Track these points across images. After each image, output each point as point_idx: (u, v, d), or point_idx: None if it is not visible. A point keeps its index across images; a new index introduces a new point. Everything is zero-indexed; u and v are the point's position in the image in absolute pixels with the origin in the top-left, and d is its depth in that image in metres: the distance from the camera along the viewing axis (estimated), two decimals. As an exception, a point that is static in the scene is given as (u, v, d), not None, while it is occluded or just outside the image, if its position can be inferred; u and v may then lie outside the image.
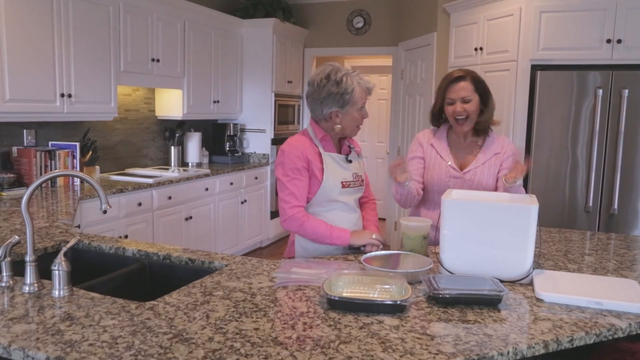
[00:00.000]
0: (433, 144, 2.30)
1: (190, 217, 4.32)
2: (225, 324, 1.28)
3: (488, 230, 1.63)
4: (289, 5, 5.82)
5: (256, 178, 5.34)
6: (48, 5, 3.32)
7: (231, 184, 4.90)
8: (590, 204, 3.58)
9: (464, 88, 2.16)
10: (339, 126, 2.02)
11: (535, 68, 3.68)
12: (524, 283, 1.64)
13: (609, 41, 3.45)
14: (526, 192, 2.20)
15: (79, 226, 3.14)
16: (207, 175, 4.53)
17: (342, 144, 2.13)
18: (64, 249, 1.49)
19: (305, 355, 1.13)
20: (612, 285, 1.58)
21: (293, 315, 1.35)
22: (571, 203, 3.64)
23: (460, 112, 2.17)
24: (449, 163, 2.24)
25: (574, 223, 3.62)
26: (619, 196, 3.52)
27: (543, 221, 3.61)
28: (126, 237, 3.61)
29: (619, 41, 3.43)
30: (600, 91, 3.47)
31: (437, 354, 1.15)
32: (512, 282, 1.64)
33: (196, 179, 4.39)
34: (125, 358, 1.10)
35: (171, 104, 4.74)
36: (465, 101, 2.16)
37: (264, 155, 5.63)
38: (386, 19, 5.78)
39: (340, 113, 1.99)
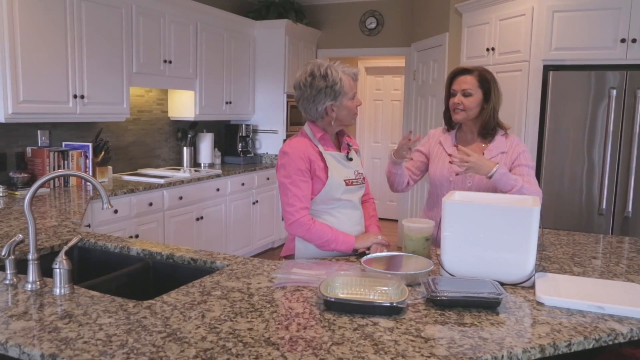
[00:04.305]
0: (441, 140, 2.32)
1: (202, 218, 4.35)
2: (220, 324, 1.28)
3: (489, 232, 1.61)
4: (301, 7, 5.83)
5: (268, 179, 5.35)
6: (61, 7, 3.38)
7: (242, 184, 4.92)
8: (604, 207, 3.52)
9: (467, 81, 2.17)
10: (333, 120, 2.02)
11: (547, 68, 3.63)
12: (526, 286, 1.62)
13: (623, 41, 3.39)
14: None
15: (89, 225, 3.19)
16: (218, 175, 4.56)
17: (341, 142, 2.13)
18: (65, 248, 1.51)
19: (296, 356, 1.12)
20: (616, 290, 1.55)
21: (288, 315, 1.35)
22: (588, 206, 3.58)
23: (458, 104, 2.18)
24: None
25: (591, 226, 3.56)
26: (633, 198, 3.45)
27: (559, 224, 3.57)
28: (137, 236, 3.65)
29: (634, 40, 3.36)
30: (614, 92, 3.41)
31: (429, 357, 1.13)
32: (514, 285, 1.62)
33: (207, 179, 4.42)
34: (117, 356, 1.11)
35: (183, 105, 4.78)
36: (465, 94, 2.16)
37: (276, 156, 5.64)
38: (399, 20, 5.75)
39: (335, 106, 1.98)
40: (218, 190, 4.57)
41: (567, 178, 3.60)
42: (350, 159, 2.07)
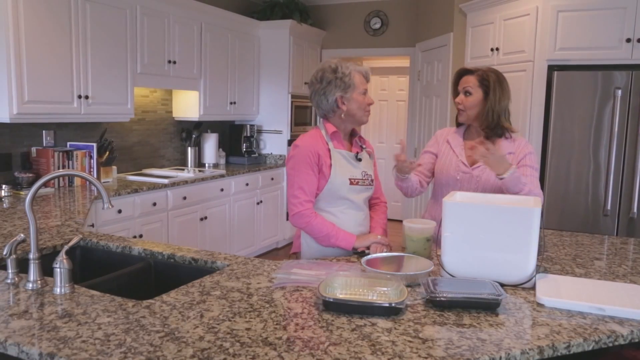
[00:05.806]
0: (449, 140, 2.33)
1: (205, 218, 4.36)
2: (218, 324, 1.29)
3: (490, 232, 1.60)
4: (306, 7, 5.83)
5: (272, 179, 5.36)
6: (66, 8, 3.39)
7: (247, 184, 4.93)
8: (609, 207, 3.50)
9: (468, 81, 2.20)
10: (344, 113, 2.03)
11: (552, 68, 3.61)
12: (527, 287, 1.61)
13: (628, 40, 3.37)
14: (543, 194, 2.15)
15: (93, 225, 3.20)
16: (222, 176, 4.57)
17: (353, 142, 2.14)
18: (66, 247, 1.52)
19: (292, 356, 1.12)
20: (617, 291, 1.54)
21: (287, 316, 1.35)
22: (593, 207, 3.56)
23: (459, 103, 2.23)
24: (460, 158, 2.23)
25: (597, 227, 3.54)
26: (638, 199, 3.43)
27: (564, 225, 3.55)
28: (140, 236, 3.66)
29: (639, 40, 3.34)
30: (620, 92, 3.39)
31: (426, 358, 1.13)
32: (515, 286, 1.61)
33: (211, 179, 4.43)
34: (115, 355, 1.11)
35: (188, 105, 4.80)
36: (466, 93, 2.20)
37: (280, 156, 5.65)
38: (403, 20, 5.74)
39: (344, 99, 2.01)
40: (222, 190, 4.58)
41: (573, 179, 3.58)
42: (360, 160, 2.08)
